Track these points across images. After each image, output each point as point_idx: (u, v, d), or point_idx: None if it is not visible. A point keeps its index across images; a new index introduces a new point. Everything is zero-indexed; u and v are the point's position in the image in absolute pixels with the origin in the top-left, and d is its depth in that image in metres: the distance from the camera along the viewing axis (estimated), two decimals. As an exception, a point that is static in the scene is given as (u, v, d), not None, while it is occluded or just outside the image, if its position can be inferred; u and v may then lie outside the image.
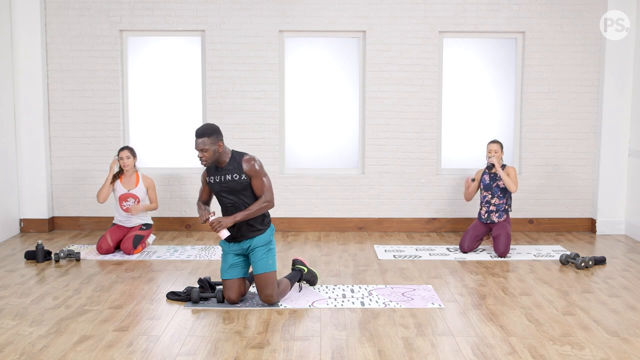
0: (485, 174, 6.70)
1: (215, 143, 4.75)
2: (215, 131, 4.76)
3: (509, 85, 7.63)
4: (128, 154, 6.63)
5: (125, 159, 6.61)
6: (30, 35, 7.24)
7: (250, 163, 4.84)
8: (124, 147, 6.66)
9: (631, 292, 5.28)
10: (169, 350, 4.07)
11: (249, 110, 7.50)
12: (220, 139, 4.78)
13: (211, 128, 4.76)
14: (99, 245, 6.45)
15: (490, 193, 6.62)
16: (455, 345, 4.16)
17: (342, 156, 7.71)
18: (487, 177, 6.67)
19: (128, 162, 6.62)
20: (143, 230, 6.59)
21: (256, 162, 4.87)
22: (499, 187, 6.59)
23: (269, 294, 4.87)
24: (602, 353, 4.03)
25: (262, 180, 4.88)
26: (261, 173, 4.88)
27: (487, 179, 6.66)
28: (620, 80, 7.34)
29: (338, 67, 7.63)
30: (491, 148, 6.62)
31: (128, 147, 6.68)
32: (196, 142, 4.75)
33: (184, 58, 7.61)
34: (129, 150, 6.66)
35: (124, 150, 6.64)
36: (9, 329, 4.40)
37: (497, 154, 6.58)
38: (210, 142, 4.74)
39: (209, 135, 4.73)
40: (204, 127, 4.75)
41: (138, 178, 6.67)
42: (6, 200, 7.16)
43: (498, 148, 6.60)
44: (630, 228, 7.37)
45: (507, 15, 7.42)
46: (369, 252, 6.66)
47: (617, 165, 7.45)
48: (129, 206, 6.58)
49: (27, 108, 7.32)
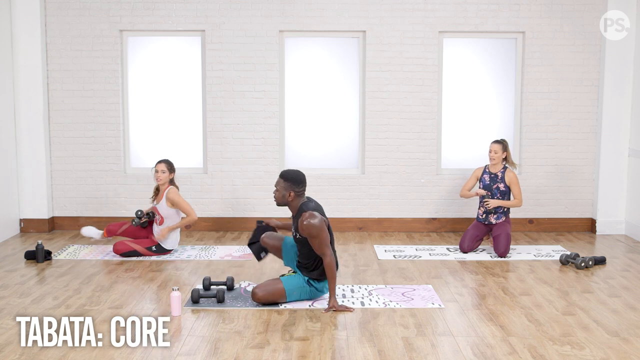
0: (485, 173, 6.68)
1: (286, 189, 4.90)
2: (293, 180, 4.88)
3: (509, 85, 7.63)
4: (164, 167, 6.29)
5: (161, 173, 6.28)
6: (30, 35, 7.24)
7: (303, 224, 4.77)
8: (161, 160, 6.37)
9: (631, 292, 5.28)
10: (169, 350, 4.07)
11: (249, 110, 7.50)
12: (292, 190, 4.88)
13: (291, 174, 4.91)
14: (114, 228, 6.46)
15: (489, 194, 6.62)
16: (455, 345, 4.16)
17: (342, 156, 7.71)
18: (487, 177, 6.65)
19: (162, 177, 6.28)
20: (150, 251, 6.31)
21: (308, 221, 4.74)
22: (499, 190, 6.56)
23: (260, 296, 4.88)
24: (602, 353, 4.03)
25: (318, 239, 4.77)
26: (314, 233, 4.75)
27: (487, 179, 6.63)
28: (620, 80, 7.34)
29: (338, 67, 7.63)
30: (492, 148, 6.59)
31: (165, 161, 6.36)
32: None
33: (184, 58, 7.61)
34: (165, 164, 6.32)
35: (160, 163, 6.33)
36: (9, 329, 4.40)
37: (497, 154, 6.55)
38: (284, 186, 4.90)
39: (285, 180, 4.90)
40: (288, 170, 4.95)
41: (164, 192, 6.36)
42: (6, 200, 7.16)
43: (499, 148, 6.56)
44: (630, 228, 7.36)
45: (507, 15, 7.42)
46: (369, 252, 6.66)
47: (617, 165, 7.45)
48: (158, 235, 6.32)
49: (27, 108, 7.32)
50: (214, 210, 7.59)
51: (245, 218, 7.60)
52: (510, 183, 6.53)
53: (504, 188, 6.55)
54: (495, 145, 6.58)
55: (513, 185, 6.53)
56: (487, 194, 6.56)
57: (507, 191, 6.57)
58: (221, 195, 7.58)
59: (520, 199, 6.53)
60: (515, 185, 6.53)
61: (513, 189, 6.54)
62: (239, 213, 7.59)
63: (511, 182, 6.53)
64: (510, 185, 6.53)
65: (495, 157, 6.55)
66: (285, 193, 4.90)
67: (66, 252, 6.51)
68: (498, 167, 6.60)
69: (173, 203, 6.28)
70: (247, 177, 7.56)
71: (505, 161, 6.65)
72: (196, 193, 7.56)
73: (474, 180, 6.75)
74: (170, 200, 6.28)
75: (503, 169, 6.59)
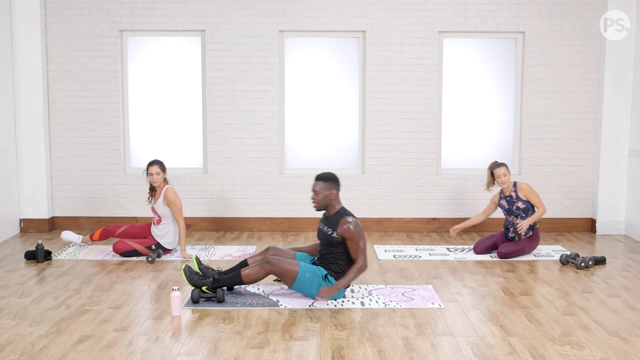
0: (502, 199, 6.48)
1: (328, 189, 5.01)
2: (332, 179, 5.03)
3: (509, 85, 7.63)
4: (157, 169, 6.26)
5: (155, 175, 6.26)
6: (30, 35, 7.24)
7: (344, 227, 4.94)
8: (152, 162, 6.31)
9: (631, 292, 5.28)
10: (169, 350, 4.07)
11: (249, 110, 7.50)
12: (333, 188, 5.02)
13: (329, 174, 5.05)
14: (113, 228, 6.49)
15: (514, 216, 6.44)
16: (455, 345, 4.16)
17: (342, 156, 7.71)
18: (504, 202, 6.45)
19: (157, 179, 6.25)
20: (150, 250, 6.29)
21: (351, 225, 4.92)
22: (519, 209, 6.40)
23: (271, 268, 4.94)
24: (602, 353, 4.03)
25: (357, 244, 4.95)
26: (356, 237, 4.93)
27: (505, 204, 6.44)
28: (620, 80, 7.34)
29: (338, 67, 7.63)
30: (497, 173, 6.35)
31: (157, 162, 6.32)
32: (313, 184, 5.08)
33: (184, 58, 7.61)
34: (158, 165, 6.27)
35: (153, 165, 6.28)
36: (9, 329, 4.40)
37: (507, 177, 6.34)
38: (324, 186, 5.02)
39: (325, 181, 5.02)
40: (323, 173, 5.08)
41: (161, 192, 6.36)
42: (6, 200, 7.16)
43: (505, 170, 6.35)
44: (630, 228, 7.36)
45: (507, 15, 7.42)
46: (369, 252, 6.65)
47: (617, 165, 7.45)
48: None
49: (27, 108, 7.32)
50: (214, 210, 7.59)
51: (245, 218, 7.60)
52: (527, 195, 6.36)
53: (523, 205, 6.37)
54: (500, 170, 6.36)
55: (530, 195, 6.35)
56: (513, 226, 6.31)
57: (528, 206, 6.38)
58: (221, 195, 7.58)
59: (541, 206, 6.34)
60: (532, 194, 6.36)
61: (531, 199, 6.36)
62: (239, 213, 7.60)
63: (527, 194, 6.36)
64: (528, 197, 6.36)
65: (506, 180, 6.36)
66: (327, 193, 5.02)
67: (66, 252, 6.51)
68: (510, 187, 6.44)
69: (169, 202, 6.26)
70: (247, 177, 7.56)
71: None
72: (196, 193, 7.56)
73: (493, 207, 6.60)
74: (168, 199, 6.27)
75: (514, 186, 6.43)
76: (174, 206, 6.27)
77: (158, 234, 6.37)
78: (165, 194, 6.28)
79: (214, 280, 5.03)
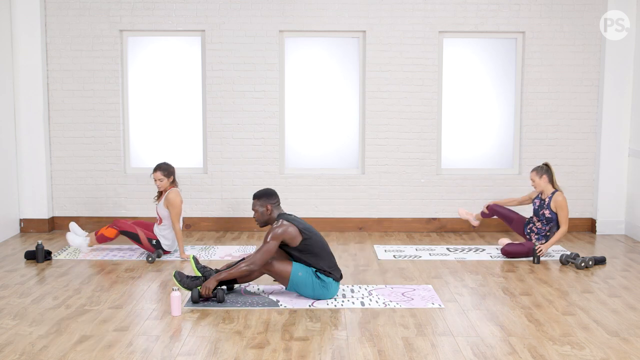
0: (537, 198, 6.48)
1: (262, 205, 5.13)
2: (265, 195, 5.13)
3: (509, 85, 7.63)
4: (160, 176, 6.23)
5: (159, 182, 6.24)
6: (30, 35, 7.24)
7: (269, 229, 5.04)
8: (155, 168, 6.27)
9: (631, 292, 5.28)
10: (169, 350, 4.07)
11: (249, 110, 7.51)
12: (267, 203, 5.11)
13: (262, 192, 5.15)
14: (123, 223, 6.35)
15: (536, 217, 6.46)
16: (455, 345, 4.16)
17: (342, 156, 7.71)
18: (537, 202, 6.46)
19: (162, 185, 6.25)
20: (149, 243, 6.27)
21: (273, 228, 4.99)
22: (544, 216, 6.38)
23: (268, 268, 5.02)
24: (602, 353, 4.03)
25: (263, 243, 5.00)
26: (269, 237, 4.97)
27: (537, 204, 6.46)
28: (620, 80, 7.34)
29: (338, 67, 7.63)
30: (530, 176, 6.48)
31: (160, 167, 6.25)
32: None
33: (184, 58, 7.61)
34: (160, 172, 6.23)
35: (156, 172, 6.25)
36: (9, 329, 4.40)
37: (535, 182, 6.36)
38: (259, 203, 5.13)
39: (259, 198, 5.14)
40: (258, 190, 5.27)
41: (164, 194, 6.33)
42: (6, 200, 7.16)
43: (533, 175, 6.38)
44: (630, 228, 7.36)
45: (507, 15, 7.42)
46: (369, 252, 6.66)
47: (617, 165, 7.45)
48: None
49: (27, 108, 7.32)
50: (214, 210, 7.59)
51: (245, 218, 7.60)
52: (557, 208, 6.31)
53: (549, 215, 6.33)
54: (531, 174, 6.42)
55: (559, 209, 6.30)
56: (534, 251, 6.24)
57: (552, 217, 6.33)
58: (221, 195, 7.58)
59: (565, 224, 6.30)
60: (562, 209, 6.29)
61: (560, 213, 6.31)
62: (239, 213, 7.60)
63: (558, 207, 6.31)
64: (557, 210, 6.31)
65: (535, 186, 6.39)
66: (263, 210, 5.13)
67: (66, 252, 6.51)
68: (548, 192, 6.39)
69: (168, 203, 6.25)
70: (247, 177, 7.56)
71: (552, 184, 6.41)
72: (196, 193, 7.56)
73: (528, 200, 6.61)
74: (167, 199, 6.25)
75: (552, 194, 6.37)
76: (172, 208, 6.24)
77: (159, 234, 6.37)
78: (166, 196, 6.27)
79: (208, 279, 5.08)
